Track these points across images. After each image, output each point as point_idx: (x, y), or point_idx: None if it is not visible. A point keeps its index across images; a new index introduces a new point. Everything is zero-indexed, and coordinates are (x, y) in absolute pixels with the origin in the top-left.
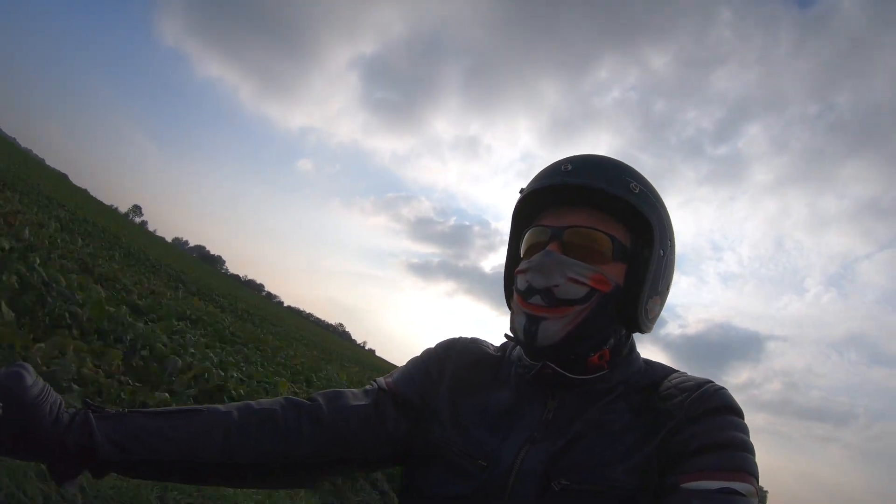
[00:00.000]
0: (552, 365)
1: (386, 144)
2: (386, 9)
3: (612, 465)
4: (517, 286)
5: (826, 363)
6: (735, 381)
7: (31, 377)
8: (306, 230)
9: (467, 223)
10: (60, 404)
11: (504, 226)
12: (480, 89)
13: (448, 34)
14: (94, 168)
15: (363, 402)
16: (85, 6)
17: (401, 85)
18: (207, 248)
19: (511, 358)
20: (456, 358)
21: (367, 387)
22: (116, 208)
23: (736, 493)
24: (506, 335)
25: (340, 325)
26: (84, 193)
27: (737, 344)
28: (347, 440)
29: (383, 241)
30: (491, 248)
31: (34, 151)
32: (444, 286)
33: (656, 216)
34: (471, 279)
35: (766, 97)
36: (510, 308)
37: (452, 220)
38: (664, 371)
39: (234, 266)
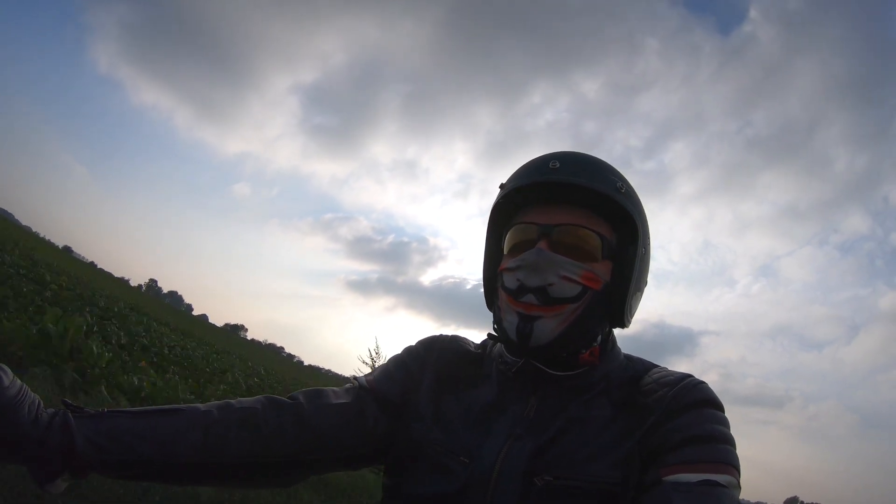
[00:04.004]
0: (534, 361)
1: (325, 168)
2: (327, 38)
3: (595, 461)
4: (505, 284)
5: (759, 352)
6: None
7: (8, 377)
8: (242, 253)
9: (406, 240)
10: (39, 404)
11: (442, 242)
12: (418, 115)
13: (387, 63)
14: (33, 202)
15: (344, 401)
16: (13, 35)
17: (340, 111)
18: (179, 293)
19: (492, 355)
20: (437, 355)
21: (348, 385)
22: (129, 280)
23: (717, 484)
24: (489, 335)
25: (353, 376)
26: (92, 268)
27: (671, 341)
28: (329, 439)
29: (321, 261)
30: (429, 263)
31: None
32: (384, 301)
33: (639, 215)
34: (410, 294)
35: (688, 117)
36: (494, 307)
37: (391, 238)
38: (644, 366)
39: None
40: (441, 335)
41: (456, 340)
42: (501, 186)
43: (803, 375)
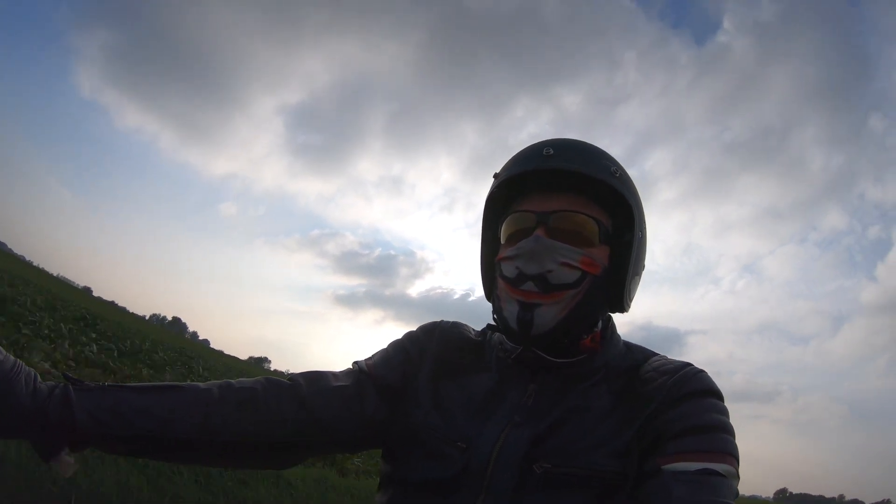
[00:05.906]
0: (535, 349)
1: (311, 186)
2: (311, 59)
3: (594, 449)
4: (504, 273)
5: (746, 349)
6: None
7: (2, 353)
8: (230, 272)
9: (393, 253)
10: (36, 377)
11: (429, 254)
12: (404, 132)
13: (372, 82)
14: (18, 227)
15: (344, 384)
16: None
17: (326, 130)
18: (183, 320)
19: (492, 342)
20: (437, 341)
21: (348, 368)
22: (146, 317)
23: (716, 473)
24: (489, 325)
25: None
26: (112, 307)
27: (659, 342)
28: (327, 422)
29: (309, 277)
30: (417, 275)
31: None
32: (372, 314)
33: (634, 199)
34: (398, 306)
35: (667, 125)
36: (492, 297)
37: (377, 252)
38: (644, 354)
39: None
40: (442, 321)
41: (457, 327)
42: (495, 176)
43: (791, 369)
